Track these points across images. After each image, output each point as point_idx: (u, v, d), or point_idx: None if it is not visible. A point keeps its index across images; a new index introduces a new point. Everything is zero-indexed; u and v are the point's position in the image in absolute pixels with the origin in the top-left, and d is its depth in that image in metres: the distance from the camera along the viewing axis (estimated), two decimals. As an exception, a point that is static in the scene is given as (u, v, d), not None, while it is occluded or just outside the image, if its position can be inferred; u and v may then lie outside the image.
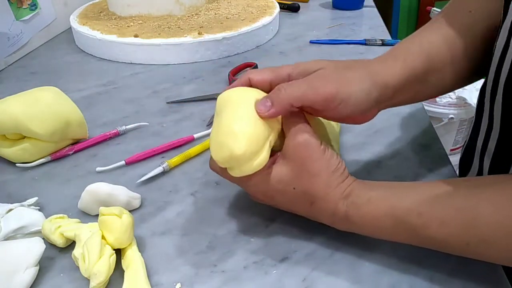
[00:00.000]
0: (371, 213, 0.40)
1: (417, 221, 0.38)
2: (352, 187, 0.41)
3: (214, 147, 0.40)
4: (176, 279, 0.40)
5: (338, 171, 0.41)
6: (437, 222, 0.37)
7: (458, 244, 0.37)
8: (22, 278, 0.39)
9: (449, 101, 1.75)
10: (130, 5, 0.92)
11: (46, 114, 0.54)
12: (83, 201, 0.47)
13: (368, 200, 0.40)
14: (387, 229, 0.40)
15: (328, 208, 0.41)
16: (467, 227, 0.36)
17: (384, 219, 0.39)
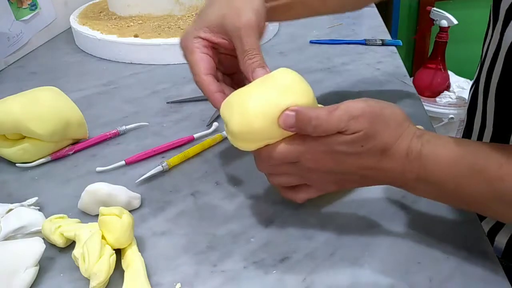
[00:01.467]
0: (447, 155, 0.37)
1: (496, 172, 0.36)
2: (423, 131, 0.39)
3: (230, 100, 0.40)
4: (176, 279, 0.40)
5: (402, 114, 0.39)
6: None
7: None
8: (22, 278, 0.39)
9: (449, 101, 1.75)
10: (130, 5, 0.92)
11: (46, 114, 0.54)
12: (83, 201, 0.47)
13: (445, 142, 0.38)
14: (462, 176, 0.37)
15: (402, 148, 0.38)
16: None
17: (461, 164, 0.37)
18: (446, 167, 0.37)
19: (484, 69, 0.50)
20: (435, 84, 1.81)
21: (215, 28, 0.44)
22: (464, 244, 0.42)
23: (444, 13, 1.74)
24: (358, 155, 0.38)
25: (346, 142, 0.38)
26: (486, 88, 0.49)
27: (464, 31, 1.86)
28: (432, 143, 0.38)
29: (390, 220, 0.45)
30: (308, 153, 0.39)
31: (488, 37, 0.51)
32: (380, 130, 0.38)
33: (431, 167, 0.38)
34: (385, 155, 0.38)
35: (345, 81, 0.74)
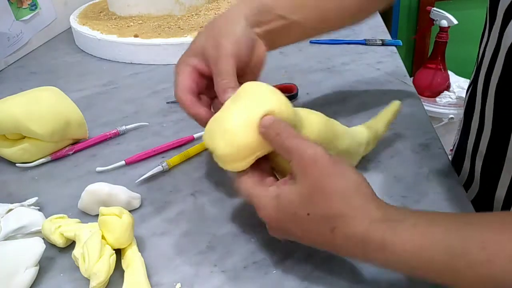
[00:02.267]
0: (419, 241, 0.32)
1: (478, 255, 0.30)
2: (385, 209, 0.34)
3: (210, 129, 0.41)
4: (176, 279, 0.40)
5: (359, 186, 0.35)
6: (505, 257, 0.30)
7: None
8: (22, 278, 0.39)
9: (449, 101, 1.75)
10: (130, 5, 0.92)
11: (46, 114, 0.54)
12: (83, 201, 0.47)
13: (413, 225, 0.33)
14: (438, 263, 0.31)
15: (356, 233, 0.34)
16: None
17: (437, 250, 0.31)
18: (417, 258, 0.32)
19: (482, 70, 0.50)
20: (435, 84, 1.81)
21: (199, 57, 0.46)
22: (464, 244, 0.42)
23: (444, 13, 1.74)
24: (305, 226, 0.36)
25: (292, 201, 0.36)
26: (485, 89, 0.49)
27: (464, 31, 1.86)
28: (397, 229, 0.33)
29: (390, 220, 0.45)
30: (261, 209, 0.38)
31: (485, 38, 0.51)
32: (325, 198, 0.34)
33: (399, 257, 0.33)
34: (336, 233, 0.34)
35: (345, 81, 0.74)
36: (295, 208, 0.35)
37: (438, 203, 0.47)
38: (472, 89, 0.54)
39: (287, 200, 0.36)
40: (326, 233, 0.35)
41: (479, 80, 0.51)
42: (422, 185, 0.50)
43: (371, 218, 0.34)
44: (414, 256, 0.32)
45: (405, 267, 0.34)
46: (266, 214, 0.37)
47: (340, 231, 0.34)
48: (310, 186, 0.35)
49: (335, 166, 0.35)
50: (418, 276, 0.34)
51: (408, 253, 0.32)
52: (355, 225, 0.34)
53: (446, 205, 0.47)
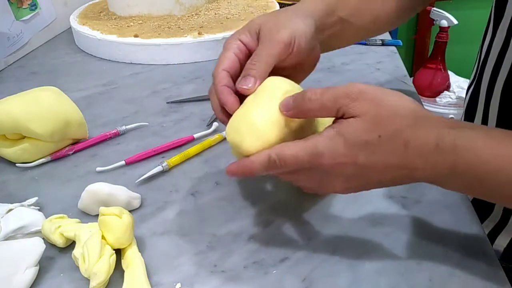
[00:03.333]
0: (489, 146, 0.33)
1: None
2: (453, 120, 0.37)
3: (234, 123, 0.39)
4: (176, 279, 0.40)
5: (415, 102, 0.35)
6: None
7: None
8: (22, 278, 0.39)
9: (449, 101, 1.75)
10: (130, 5, 0.92)
11: (46, 114, 0.54)
12: (83, 201, 0.47)
13: (486, 133, 0.34)
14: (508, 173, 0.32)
15: (429, 141, 0.33)
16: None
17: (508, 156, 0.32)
18: (488, 160, 0.33)
19: (487, 68, 0.50)
20: (435, 84, 1.81)
21: (253, 35, 0.44)
22: (464, 244, 0.42)
23: (444, 13, 1.74)
24: (378, 152, 0.34)
25: (358, 129, 0.34)
26: (490, 88, 0.49)
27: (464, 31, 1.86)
28: (468, 133, 0.33)
29: (390, 220, 0.45)
30: (325, 155, 0.35)
31: (488, 36, 0.51)
32: (390, 117, 0.34)
33: (470, 161, 0.33)
34: (409, 147, 0.34)
35: (345, 81, 0.73)
36: (365, 135, 0.34)
37: (438, 203, 0.47)
38: (475, 88, 0.54)
39: (352, 130, 0.34)
40: (399, 150, 0.34)
41: (483, 78, 0.50)
42: (422, 185, 0.49)
43: (441, 124, 0.34)
44: (487, 163, 0.33)
45: (472, 177, 0.34)
46: (334, 153, 0.34)
47: (413, 143, 0.34)
48: (371, 110, 0.34)
49: (385, 91, 0.35)
50: (477, 189, 0.35)
51: (480, 158, 0.32)
52: (427, 134, 0.34)
53: (446, 205, 0.47)
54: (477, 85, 0.53)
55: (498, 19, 0.47)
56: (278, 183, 0.51)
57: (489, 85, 0.49)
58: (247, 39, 0.44)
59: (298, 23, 0.43)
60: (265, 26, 0.43)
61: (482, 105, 0.51)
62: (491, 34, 0.50)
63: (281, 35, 0.41)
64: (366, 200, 0.48)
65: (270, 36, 0.42)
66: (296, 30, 0.42)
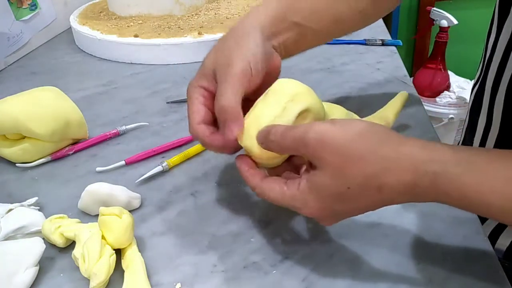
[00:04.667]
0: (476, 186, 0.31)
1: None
2: (424, 147, 0.33)
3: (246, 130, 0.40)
4: (176, 279, 0.40)
5: (381, 136, 0.34)
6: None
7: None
8: (22, 278, 0.39)
9: (449, 101, 1.75)
10: (130, 5, 0.92)
11: (46, 114, 0.54)
12: (83, 201, 0.47)
13: (469, 165, 0.32)
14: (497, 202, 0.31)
15: (405, 182, 0.32)
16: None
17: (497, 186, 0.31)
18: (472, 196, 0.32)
19: (491, 66, 0.50)
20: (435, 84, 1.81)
21: (209, 78, 0.43)
22: (464, 244, 0.42)
23: (444, 13, 1.74)
24: (352, 200, 0.35)
25: (327, 183, 0.34)
26: (495, 86, 0.49)
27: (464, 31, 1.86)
28: (450, 171, 0.32)
29: (390, 220, 0.45)
30: (303, 209, 0.37)
31: (493, 34, 0.50)
32: (356, 165, 0.33)
33: (452, 196, 0.33)
34: (384, 191, 0.33)
35: (345, 81, 0.74)
36: (334, 189, 0.34)
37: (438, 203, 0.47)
38: (480, 86, 0.54)
39: (322, 187, 0.35)
40: (373, 195, 0.34)
41: (488, 77, 0.50)
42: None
43: (415, 161, 0.32)
44: (471, 198, 0.32)
45: (457, 204, 0.33)
46: (310, 209, 0.36)
47: (387, 186, 0.33)
48: (334, 163, 0.34)
49: (343, 133, 0.34)
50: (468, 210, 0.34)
51: (464, 195, 0.32)
52: (401, 175, 0.32)
53: (445, 206, 0.47)
54: (482, 84, 0.53)
55: (503, 18, 0.47)
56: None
57: (494, 84, 0.49)
58: (207, 84, 0.43)
59: (246, 46, 0.42)
60: (218, 65, 0.42)
61: (487, 103, 0.51)
62: (496, 32, 0.49)
63: (235, 69, 0.40)
64: (366, 200, 0.48)
65: (226, 74, 0.41)
66: (248, 54, 0.41)
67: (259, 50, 0.42)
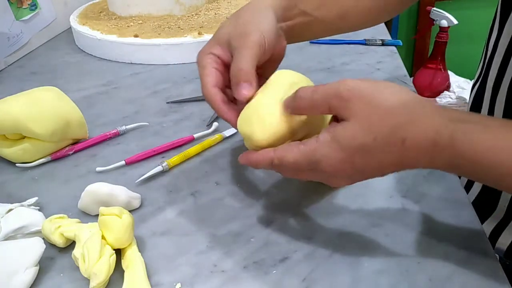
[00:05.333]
0: (490, 141, 0.32)
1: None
2: (449, 111, 0.34)
3: (245, 116, 0.41)
4: (176, 279, 0.40)
5: (410, 93, 0.35)
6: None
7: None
8: (22, 278, 0.39)
9: (449, 101, 1.75)
10: (130, 5, 0.92)
11: (46, 114, 0.54)
12: (83, 201, 0.47)
13: (485, 127, 0.33)
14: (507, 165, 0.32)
15: (427, 137, 0.33)
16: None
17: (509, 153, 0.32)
18: (486, 155, 0.33)
19: (493, 65, 0.50)
20: (435, 84, 1.81)
21: (224, 46, 0.45)
22: (464, 244, 0.42)
23: (444, 13, 1.74)
24: (375, 154, 0.34)
25: (353, 133, 0.34)
26: (496, 85, 0.49)
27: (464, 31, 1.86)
28: (467, 126, 0.33)
29: (391, 220, 0.45)
30: (323, 162, 0.36)
31: (494, 33, 0.50)
32: (384, 116, 0.34)
33: (468, 155, 0.33)
34: (406, 144, 0.33)
35: (345, 81, 0.74)
36: (360, 139, 0.34)
37: (438, 204, 0.47)
38: (480, 85, 0.54)
39: (347, 135, 0.34)
40: (396, 148, 0.34)
41: (490, 76, 0.50)
42: (422, 185, 0.50)
43: (439, 119, 0.33)
44: (484, 157, 0.32)
45: (471, 171, 0.34)
46: (330, 160, 0.35)
47: (411, 139, 0.33)
48: (364, 110, 0.34)
49: (377, 87, 0.35)
50: (477, 178, 0.35)
51: (479, 153, 0.32)
52: (425, 129, 0.33)
53: (446, 205, 0.47)
54: (483, 82, 0.53)
55: (504, 17, 0.47)
56: (279, 183, 0.51)
57: (495, 83, 0.49)
58: (219, 52, 0.45)
59: (262, 21, 0.44)
60: (234, 33, 0.44)
61: (488, 102, 0.51)
62: (497, 31, 0.50)
63: (252, 38, 0.42)
64: (366, 200, 0.48)
65: (243, 42, 0.42)
66: (263, 29, 0.43)
67: (271, 27, 0.44)
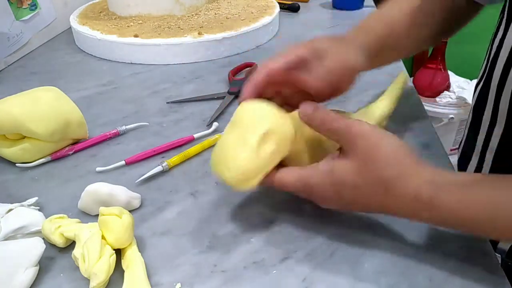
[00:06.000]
0: (467, 201, 0.35)
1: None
2: (434, 171, 0.37)
3: (214, 157, 0.42)
4: (176, 279, 0.40)
5: (406, 151, 0.38)
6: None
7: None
8: (22, 278, 0.39)
9: (449, 101, 1.75)
10: (130, 5, 0.92)
11: (46, 114, 0.54)
12: (83, 201, 0.47)
13: (463, 186, 0.36)
14: (483, 222, 0.35)
15: (408, 193, 0.36)
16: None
17: (484, 209, 0.35)
18: (463, 216, 0.36)
19: (497, 64, 0.50)
20: (435, 84, 1.81)
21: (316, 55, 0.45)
22: (464, 244, 0.42)
23: (444, 13, 1.73)
24: (361, 192, 0.38)
25: (347, 170, 0.38)
26: (501, 83, 0.49)
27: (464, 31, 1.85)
28: (447, 188, 0.36)
29: (391, 220, 0.45)
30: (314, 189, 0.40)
31: (500, 32, 0.51)
32: (378, 164, 0.37)
33: (446, 214, 0.36)
34: (389, 195, 0.37)
35: (345, 81, 0.74)
36: (351, 177, 0.38)
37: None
38: (484, 84, 0.54)
39: (342, 171, 0.38)
40: (379, 195, 0.37)
41: (494, 74, 0.50)
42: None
43: (422, 178, 0.36)
44: (462, 214, 0.35)
45: (450, 224, 0.37)
46: (322, 189, 0.39)
47: (393, 192, 0.37)
48: (362, 155, 0.37)
49: (381, 137, 0.38)
50: (460, 230, 0.39)
51: (457, 211, 0.35)
52: (407, 185, 0.36)
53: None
54: (487, 82, 0.53)
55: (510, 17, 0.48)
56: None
57: (500, 81, 0.49)
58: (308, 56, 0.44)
59: (359, 59, 0.46)
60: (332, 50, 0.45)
61: (492, 101, 0.51)
62: (503, 31, 0.50)
63: (348, 63, 0.45)
64: (366, 200, 0.48)
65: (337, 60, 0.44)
66: (356, 65, 0.46)
67: (360, 69, 0.47)
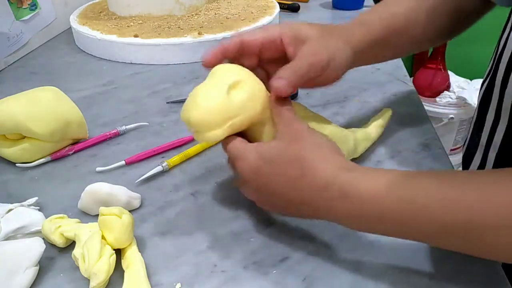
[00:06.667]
0: (374, 190, 0.35)
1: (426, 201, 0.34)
2: (352, 164, 0.38)
3: (185, 105, 0.43)
4: (176, 279, 0.40)
5: (332, 145, 0.39)
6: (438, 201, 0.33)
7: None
8: (22, 278, 0.39)
9: (449, 101, 1.75)
10: (130, 5, 0.92)
11: (46, 114, 0.54)
12: (83, 201, 0.47)
13: (373, 177, 0.36)
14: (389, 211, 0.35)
15: (322, 177, 0.37)
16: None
17: (389, 198, 0.35)
18: (375, 209, 0.35)
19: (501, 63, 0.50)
20: (435, 84, 1.81)
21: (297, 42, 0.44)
22: (464, 244, 0.42)
23: (444, 13, 1.73)
24: (277, 171, 0.39)
25: (271, 147, 0.40)
26: (504, 81, 0.49)
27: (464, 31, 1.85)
28: (363, 179, 0.36)
29: (390, 220, 0.45)
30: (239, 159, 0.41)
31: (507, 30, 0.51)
32: (300, 146, 0.38)
33: (359, 206, 0.36)
34: (304, 174, 0.37)
35: (345, 81, 0.74)
36: (273, 155, 0.39)
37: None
38: (489, 82, 0.54)
39: (266, 148, 0.40)
40: (296, 177, 0.38)
41: (498, 72, 0.51)
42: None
43: (338, 166, 0.37)
44: (369, 203, 0.35)
45: (362, 218, 0.36)
46: (246, 163, 0.40)
47: (308, 174, 0.37)
48: (288, 138, 0.39)
49: (315, 133, 0.40)
50: (373, 230, 0.38)
51: (364, 200, 0.35)
52: (323, 170, 0.37)
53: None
54: (492, 80, 0.53)
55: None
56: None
57: (504, 79, 0.49)
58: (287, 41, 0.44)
59: (341, 52, 0.45)
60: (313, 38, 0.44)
61: (496, 99, 0.51)
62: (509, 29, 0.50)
63: (322, 56, 0.43)
64: (366, 200, 0.48)
65: (314, 50, 0.43)
66: (337, 58, 0.44)
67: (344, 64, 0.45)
